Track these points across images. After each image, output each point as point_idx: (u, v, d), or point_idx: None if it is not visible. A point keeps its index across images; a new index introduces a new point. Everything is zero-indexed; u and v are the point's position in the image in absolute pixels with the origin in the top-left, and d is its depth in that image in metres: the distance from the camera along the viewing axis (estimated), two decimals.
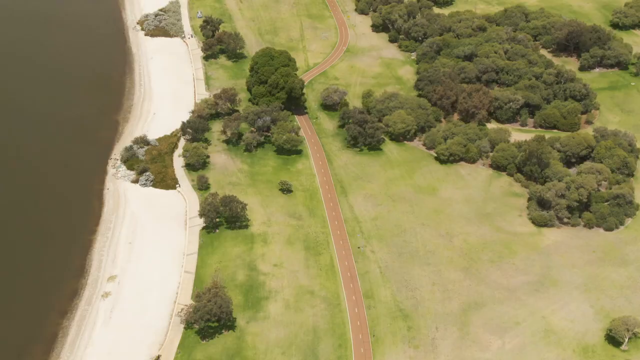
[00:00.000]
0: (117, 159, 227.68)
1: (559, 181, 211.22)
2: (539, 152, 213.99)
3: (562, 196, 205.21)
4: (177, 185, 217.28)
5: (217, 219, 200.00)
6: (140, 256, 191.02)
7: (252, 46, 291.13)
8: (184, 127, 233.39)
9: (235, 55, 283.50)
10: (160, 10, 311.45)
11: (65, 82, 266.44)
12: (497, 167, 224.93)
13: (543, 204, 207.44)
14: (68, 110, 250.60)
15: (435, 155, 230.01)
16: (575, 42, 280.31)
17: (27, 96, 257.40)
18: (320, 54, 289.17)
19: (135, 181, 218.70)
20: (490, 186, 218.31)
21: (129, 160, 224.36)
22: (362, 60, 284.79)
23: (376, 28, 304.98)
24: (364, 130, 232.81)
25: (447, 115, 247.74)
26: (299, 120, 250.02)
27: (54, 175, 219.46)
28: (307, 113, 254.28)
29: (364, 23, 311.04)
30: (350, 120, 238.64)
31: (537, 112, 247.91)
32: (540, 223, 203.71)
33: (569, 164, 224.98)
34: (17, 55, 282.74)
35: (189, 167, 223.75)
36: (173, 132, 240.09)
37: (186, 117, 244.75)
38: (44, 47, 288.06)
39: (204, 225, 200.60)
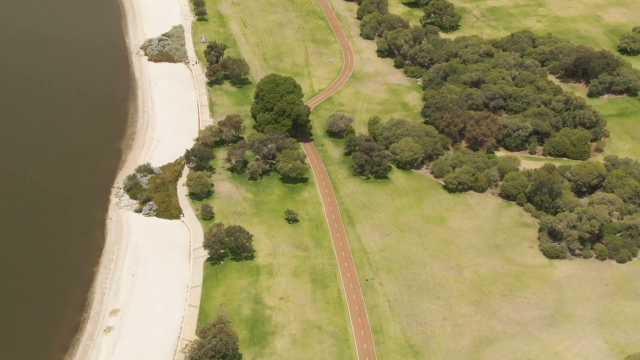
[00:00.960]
0: (120, 188, 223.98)
1: (570, 211, 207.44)
2: (550, 182, 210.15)
3: (574, 227, 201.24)
4: (181, 215, 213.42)
5: (222, 250, 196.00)
6: (143, 289, 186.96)
7: (257, 72, 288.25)
8: (188, 156, 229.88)
9: (240, 81, 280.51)
10: (164, 35, 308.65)
11: (67, 108, 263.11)
12: (507, 196, 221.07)
13: (554, 235, 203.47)
14: (70, 137, 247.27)
15: (444, 184, 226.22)
16: (583, 67, 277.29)
17: (29, 122, 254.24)
18: (326, 79, 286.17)
19: (139, 210, 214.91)
20: (500, 216, 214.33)
21: (132, 189, 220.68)
22: (368, 86, 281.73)
23: (381, 53, 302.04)
24: (371, 158, 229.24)
25: (455, 142, 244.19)
26: (304, 147, 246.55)
27: (55, 204, 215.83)
28: (312, 140, 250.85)
29: (369, 48, 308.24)
30: (356, 148, 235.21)
31: (546, 139, 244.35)
32: (551, 255, 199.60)
33: (579, 193, 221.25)
34: (19, 79, 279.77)
35: (193, 196, 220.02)
36: (177, 159, 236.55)
37: (190, 144, 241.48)
38: (46, 72, 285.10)
39: (209, 256, 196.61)
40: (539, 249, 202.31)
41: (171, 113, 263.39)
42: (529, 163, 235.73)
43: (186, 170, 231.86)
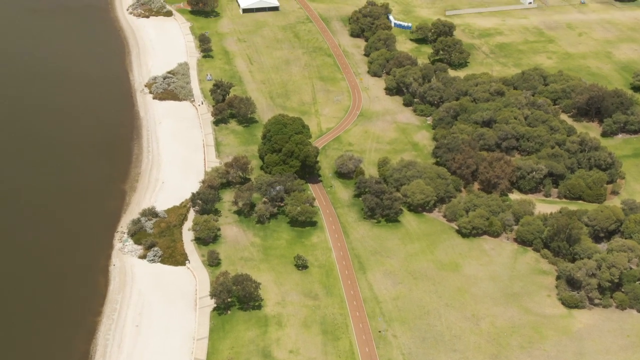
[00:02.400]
0: (124, 232, 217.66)
1: (589, 258, 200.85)
2: (569, 228, 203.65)
3: (593, 275, 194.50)
4: (187, 261, 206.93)
5: (229, 299, 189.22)
6: (147, 341, 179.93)
7: (263, 110, 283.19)
8: (194, 199, 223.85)
9: (246, 120, 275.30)
10: (169, 72, 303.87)
11: (69, 147, 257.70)
12: (523, 241, 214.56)
13: (573, 283, 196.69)
14: (73, 178, 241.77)
15: (457, 228, 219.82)
16: (596, 106, 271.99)
17: (30, 161, 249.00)
18: (334, 118, 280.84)
19: (143, 257, 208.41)
20: (516, 262, 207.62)
21: (137, 233, 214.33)
22: (377, 125, 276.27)
23: (390, 91, 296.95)
24: (382, 201, 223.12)
25: (467, 184, 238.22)
26: (312, 188, 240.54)
27: (57, 248, 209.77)
28: (321, 181, 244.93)
29: (377, 86, 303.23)
30: (366, 190, 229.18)
31: (561, 182, 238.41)
32: (570, 304, 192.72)
33: (597, 238, 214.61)
34: (21, 116, 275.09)
35: (199, 241, 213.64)
36: (182, 202, 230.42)
37: (196, 186, 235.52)
38: (48, 110, 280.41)
39: (215, 305, 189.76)
40: (557, 298, 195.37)
41: (176, 153, 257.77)
42: (544, 206, 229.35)
43: (192, 214, 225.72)
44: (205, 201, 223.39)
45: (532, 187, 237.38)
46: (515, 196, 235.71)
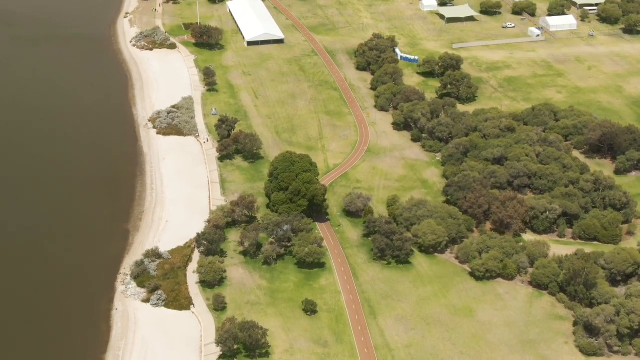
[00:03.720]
0: (127, 274, 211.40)
1: (606, 303, 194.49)
2: (586, 272, 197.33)
3: (612, 322, 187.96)
4: (192, 306, 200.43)
5: (236, 347, 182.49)
6: None
7: (269, 145, 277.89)
8: (199, 240, 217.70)
9: (252, 156, 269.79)
10: (173, 107, 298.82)
11: (70, 184, 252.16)
12: (538, 285, 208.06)
13: (590, 329, 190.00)
14: (74, 217, 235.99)
15: (470, 270, 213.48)
16: (609, 143, 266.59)
17: (30, 199, 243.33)
18: (341, 154, 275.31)
19: (147, 300, 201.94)
20: (531, 307, 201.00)
21: (140, 276, 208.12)
22: (385, 161, 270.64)
23: (397, 126, 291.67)
24: (392, 242, 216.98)
25: (479, 224, 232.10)
26: (320, 227, 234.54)
27: (57, 291, 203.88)
28: (328, 220, 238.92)
29: (384, 120, 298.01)
30: (376, 230, 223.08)
31: (575, 222, 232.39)
32: (589, 352, 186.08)
33: (614, 281, 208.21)
34: (19, 152, 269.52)
35: (204, 283, 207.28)
36: (187, 242, 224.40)
37: (201, 224, 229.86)
38: (48, 144, 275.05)
39: (221, 353, 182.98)
40: (575, 345, 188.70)
41: (181, 190, 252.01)
42: (559, 248, 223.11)
43: (196, 255, 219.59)
44: (210, 242, 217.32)
45: (546, 227, 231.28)
46: (528, 236, 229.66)
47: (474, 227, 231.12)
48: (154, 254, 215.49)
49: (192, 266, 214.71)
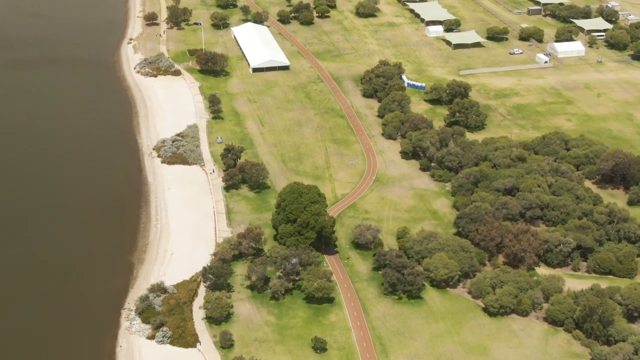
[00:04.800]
0: (132, 310, 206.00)
1: (624, 341, 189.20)
2: (602, 309, 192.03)
3: None
4: (198, 343, 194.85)
5: None
6: None
7: (276, 174, 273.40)
8: (205, 274, 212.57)
9: (258, 186, 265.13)
10: (178, 135, 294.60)
11: (73, 215, 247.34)
12: (553, 321, 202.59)
13: None
14: (76, 249, 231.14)
15: (483, 306, 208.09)
16: (622, 173, 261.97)
17: (31, 230, 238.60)
18: (348, 183, 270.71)
19: (152, 337, 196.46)
20: (547, 345, 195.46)
21: (145, 311, 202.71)
22: (393, 191, 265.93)
23: (406, 155, 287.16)
24: (403, 276, 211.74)
25: (491, 257, 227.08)
26: (328, 260, 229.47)
27: (59, 327, 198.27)
28: (337, 252, 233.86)
29: (392, 149, 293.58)
30: (386, 264, 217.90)
31: (590, 255, 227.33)
32: None
33: (630, 317, 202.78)
34: (19, 182, 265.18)
35: (211, 320, 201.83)
36: (192, 276, 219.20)
37: (206, 257, 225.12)
38: (49, 174, 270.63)
39: None
40: None
41: (186, 221, 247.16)
42: (574, 282, 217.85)
43: (202, 289, 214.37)
44: (217, 276, 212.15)
45: (560, 260, 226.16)
46: (542, 270, 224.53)
47: (486, 261, 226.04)
48: (159, 289, 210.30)
49: (198, 301, 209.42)
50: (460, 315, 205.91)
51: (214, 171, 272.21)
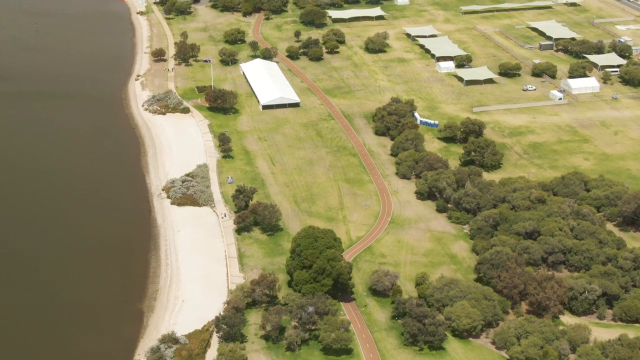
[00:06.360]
0: None
1: None
2: None
3: None
4: None
5: None
6: None
7: (288, 216, 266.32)
8: (218, 324, 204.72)
9: (271, 228, 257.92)
10: (188, 175, 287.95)
11: (80, 260, 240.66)
12: None
13: None
14: (84, 295, 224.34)
15: (508, 357, 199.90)
16: None
17: (36, 279, 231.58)
18: (363, 225, 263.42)
19: None
20: None
21: None
22: (410, 234, 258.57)
23: (421, 195, 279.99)
24: (424, 326, 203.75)
25: (514, 305, 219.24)
26: (345, 308, 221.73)
27: None
28: (354, 299, 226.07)
29: (406, 189, 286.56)
30: (405, 312, 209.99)
31: (615, 302, 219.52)
32: None
33: None
34: (24, 225, 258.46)
35: None
36: (205, 325, 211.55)
37: (218, 304, 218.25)
38: (55, 218, 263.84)
39: None
40: None
41: (197, 266, 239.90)
42: (600, 331, 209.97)
43: (215, 339, 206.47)
44: (230, 325, 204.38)
45: (585, 308, 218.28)
46: (567, 319, 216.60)
47: (509, 309, 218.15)
48: (170, 339, 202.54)
49: (211, 352, 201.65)
50: None
51: (225, 215, 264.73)
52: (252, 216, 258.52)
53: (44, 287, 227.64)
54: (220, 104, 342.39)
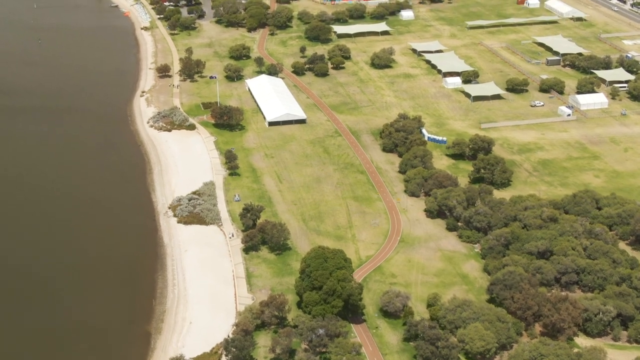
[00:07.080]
0: None
1: None
2: None
3: None
4: None
5: None
6: None
7: (297, 234, 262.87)
8: (227, 347, 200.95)
9: (279, 247, 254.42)
10: (194, 193, 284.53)
11: (85, 280, 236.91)
12: None
13: None
14: (90, 319, 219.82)
15: None
16: None
17: (41, 299, 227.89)
18: (373, 244, 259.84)
19: None
20: None
21: None
22: (420, 253, 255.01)
23: (431, 213, 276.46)
24: (437, 349, 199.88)
25: (528, 326, 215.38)
26: (356, 330, 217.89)
27: None
28: (365, 321, 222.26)
29: (415, 207, 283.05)
30: (418, 334, 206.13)
31: (630, 324, 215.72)
32: None
33: None
34: (30, 246, 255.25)
35: None
36: (213, 348, 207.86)
37: (226, 325, 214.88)
38: (59, 240, 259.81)
39: None
40: None
41: (204, 287, 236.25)
42: (615, 353, 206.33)
43: None
44: (239, 349, 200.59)
45: (600, 330, 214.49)
46: (581, 340, 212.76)
47: (522, 331, 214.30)
48: None
49: None
50: None
51: (233, 235, 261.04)
52: (260, 235, 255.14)
53: (49, 308, 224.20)
54: (226, 120, 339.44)
